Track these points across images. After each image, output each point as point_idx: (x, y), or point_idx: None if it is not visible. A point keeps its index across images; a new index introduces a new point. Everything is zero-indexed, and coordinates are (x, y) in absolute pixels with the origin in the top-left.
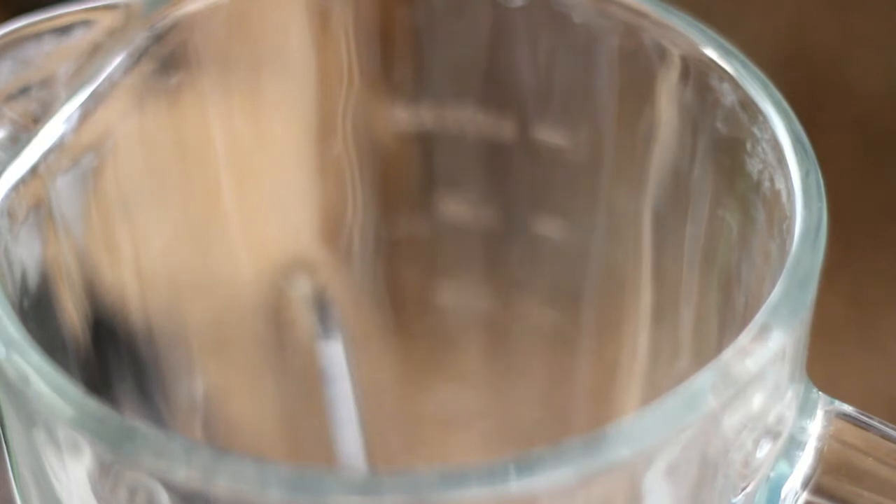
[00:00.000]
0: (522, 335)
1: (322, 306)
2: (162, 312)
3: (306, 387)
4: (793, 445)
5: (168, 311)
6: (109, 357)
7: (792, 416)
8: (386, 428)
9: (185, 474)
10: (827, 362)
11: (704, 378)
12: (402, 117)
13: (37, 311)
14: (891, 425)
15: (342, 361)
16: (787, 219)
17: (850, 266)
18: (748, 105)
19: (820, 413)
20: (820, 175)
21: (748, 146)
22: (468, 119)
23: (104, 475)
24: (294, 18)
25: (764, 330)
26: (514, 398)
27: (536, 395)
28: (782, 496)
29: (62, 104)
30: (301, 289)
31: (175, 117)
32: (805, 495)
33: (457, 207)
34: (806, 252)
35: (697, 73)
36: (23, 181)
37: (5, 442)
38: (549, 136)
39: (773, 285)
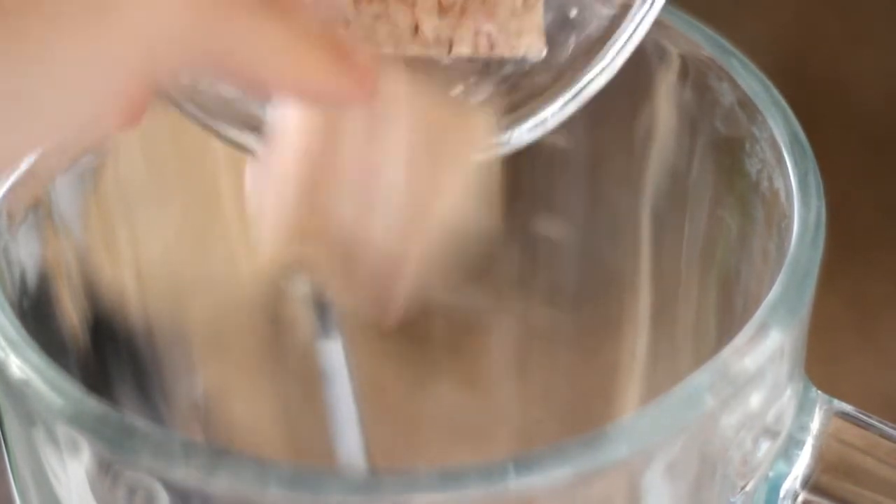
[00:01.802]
0: (522, 335)
1: (322, 306)
2: (162, 312)
3: (306, 387)
4: (791, 444)
5: (168, 311)
6: (109, 357)
7: (791, 415)
8: (386, 428)
9: (185, 473)
10: (826, 361)
11: (702, 377)
12: None
13: (37, 311)
14: (889, 424)
15: (342, 361)
16: (786, 218)
17: (849, 266)
18: (747, 105)
19: (819, 412)
20: (819, 174)
21: (747, 146)
22: None
23: (103, 474)
24: None
25: (762, 329)
26: (514, 398)
27: (536, 395)
28: (781, 495)
29: None
30: (301, 289)
31: (175, 117)
32: (804, 494)
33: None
34: (804, 251)
35: (696, 73)
36: (22, 181)
37: (5, 442)
38: (549, 136)
39: (772, 284)
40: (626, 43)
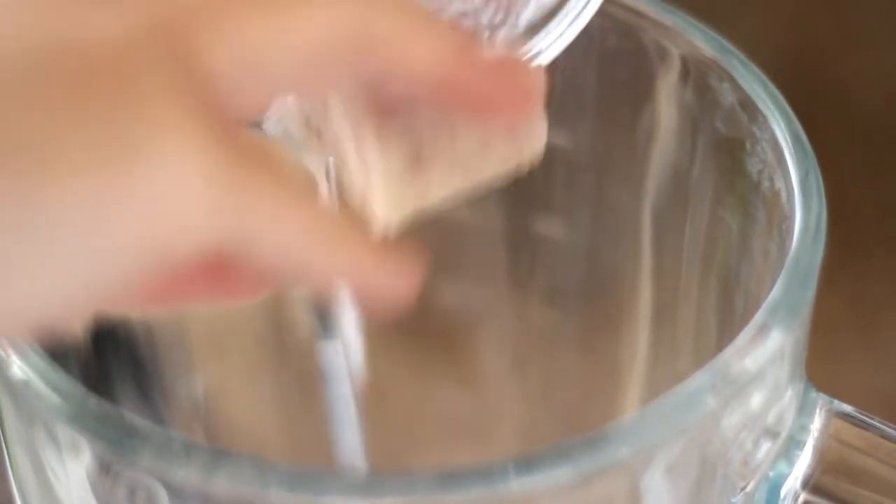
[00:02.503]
0: (522, 335)
1: (322, 307)
2: (162, 313)
3: (306, 387)
4: (792, 445)
5: (168, 312)
6: (109, 357)
7: (791, 416)
8: (386, 428)
9: (185, 473)
10: (826, 361)
11: (703, 378)
12: None
13: None
14: (890, 425)
15: (342, 361)
16: (787, 218)
17: (849, 265)
18: (748, 105)
19: (819, 413)
20: (819, 175)
21: (748, 146)
22: None
23: (104, 474)
24: None
25: (763, 329)
26: (514, 398)
27: (537, 395)
28: (782, 496)
29: None
30: (301, 290)
31: None
32: (804, 494)
33: (457, 207)
34: (805, 251)
35: (697, 73)
36: None
37: (5, 442)
38: (550, 136)
39: (773, 285)
40: (581, 12)
